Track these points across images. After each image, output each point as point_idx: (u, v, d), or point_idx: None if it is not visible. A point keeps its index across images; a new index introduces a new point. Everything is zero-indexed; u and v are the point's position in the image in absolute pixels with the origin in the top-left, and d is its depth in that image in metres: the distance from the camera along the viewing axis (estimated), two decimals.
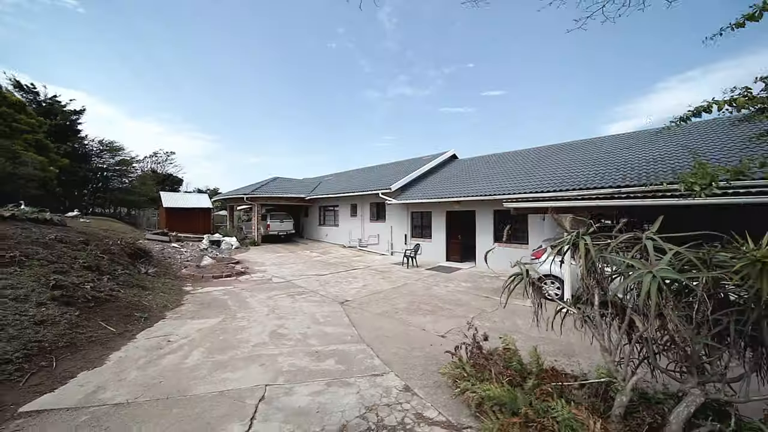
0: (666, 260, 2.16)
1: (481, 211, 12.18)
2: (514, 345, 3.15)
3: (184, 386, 3.36)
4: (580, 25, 4.44)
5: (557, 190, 8.89)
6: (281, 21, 78.23)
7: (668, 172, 7.88)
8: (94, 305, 5.49)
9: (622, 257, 2.48)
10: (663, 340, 2.56)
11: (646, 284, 2.09)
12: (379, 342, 4.94)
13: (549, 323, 3.12)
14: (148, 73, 67.09)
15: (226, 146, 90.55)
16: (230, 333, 5.14)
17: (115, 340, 4.58)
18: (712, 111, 3.25)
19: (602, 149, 11.69)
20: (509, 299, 3.36)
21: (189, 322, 5.69)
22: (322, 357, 4.28)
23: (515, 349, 3.11)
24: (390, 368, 3.96)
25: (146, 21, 58.29)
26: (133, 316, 5.56)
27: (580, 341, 4.90)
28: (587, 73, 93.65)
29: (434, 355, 4.39)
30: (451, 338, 5.21)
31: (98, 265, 7.29)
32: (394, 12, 64.99)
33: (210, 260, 12.35)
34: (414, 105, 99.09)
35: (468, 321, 6.07)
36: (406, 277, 10.24)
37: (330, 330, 5.44)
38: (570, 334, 5.44)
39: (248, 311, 6.45)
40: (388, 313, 6.52)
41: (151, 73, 67.35)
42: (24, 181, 19.83)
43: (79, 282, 6.05)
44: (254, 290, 8.35)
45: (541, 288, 2.93)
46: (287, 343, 4.79)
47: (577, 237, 2.86)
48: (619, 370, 2.59)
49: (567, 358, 4.54)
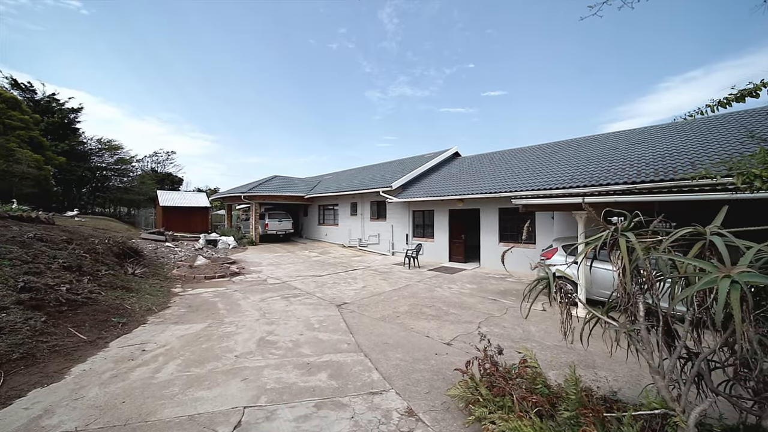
0: (747, 260, 1.66)
1: (486, 209, 11.67)
2: (536, 361, 2.65)
3: (148, 408, 2.86)
4: (596, 11, 4.11)
5: (568, 186, 8.40)
6: (282, 21, 77.91)
7: (687, 165, 7.43)
8: (67, 309, 5.02)
9: (679, 257, 1.98)
10: (730, 360, 2.06)
11: (724, 291, 1.60)
12: (379, 351, 4.45)
13: (570, 332, 2.63)
14: (150, 73, 66.99)
15: (227, 146, 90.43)
16: (214, 340, 4.65)
17: (83, 350, 4.09)
18: (759, 95, 2.79)
19: (608, 146, 11.21)
20: (517, 302, 2.87)
21: (171, 327, 5.21)
22: (314, 370, 3.78)
23: (538, 367, 2.61)
24: (390, 384, 3.46)
25: (149, 23, 58.15)
26: (110, 322, 5.08)
27: (600, 350, 4.42)
28: (588, 73, 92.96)
29: (440, 369, 3.89)
30: (457, 346, 4.73)
31: (80, 265, 6.82)
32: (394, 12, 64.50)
33: (204, 260, 11.88)
34: (414, 105, 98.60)
35: (477, 327, 5.61)
36: (407, 278, 9.74)
37: (324, 337, 4.95)
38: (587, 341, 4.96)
39: (238, 315, 5.96)
40: (388, 317, 6.03)
41: (152, 74, 67.25)
42: (18, 179, 19.45)
43: (54, 284, 5.58)
44: (247, 292, 7.87)
45: (570, 294, 2.44)
46: (276, 352, 4.29)
47: (615, 233, 2.36)
48: (673, 396, 2.09)
49: (589, 371, 4.05)
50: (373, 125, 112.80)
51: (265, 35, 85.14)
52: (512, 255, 10.92)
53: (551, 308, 6.71)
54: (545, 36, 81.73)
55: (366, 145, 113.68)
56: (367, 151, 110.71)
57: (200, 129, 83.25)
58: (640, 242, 2.23)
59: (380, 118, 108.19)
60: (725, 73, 59.98)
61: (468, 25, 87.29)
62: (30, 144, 21.35)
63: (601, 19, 4.16)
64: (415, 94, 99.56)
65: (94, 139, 31.19)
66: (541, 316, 6.26)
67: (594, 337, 2.59)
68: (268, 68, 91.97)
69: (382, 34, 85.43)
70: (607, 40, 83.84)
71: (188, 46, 72.96)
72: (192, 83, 77.47)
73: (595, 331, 2.55)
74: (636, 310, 2.30)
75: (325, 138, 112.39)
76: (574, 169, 9.89)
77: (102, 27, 54.24)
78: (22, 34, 41.43)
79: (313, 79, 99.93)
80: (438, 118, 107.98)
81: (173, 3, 64.60)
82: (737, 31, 53.20)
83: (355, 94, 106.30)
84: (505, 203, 11.00)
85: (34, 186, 20.88)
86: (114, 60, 59.71)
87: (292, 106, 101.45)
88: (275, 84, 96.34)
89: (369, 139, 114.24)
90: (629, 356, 2.64)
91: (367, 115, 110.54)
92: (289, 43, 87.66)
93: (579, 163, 10.36)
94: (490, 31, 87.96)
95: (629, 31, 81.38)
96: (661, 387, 2.03)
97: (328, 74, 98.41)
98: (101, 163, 31.67)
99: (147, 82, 68.80)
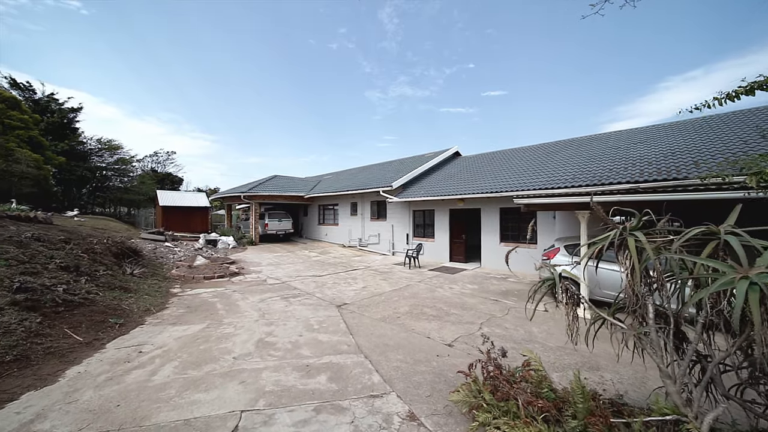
0: (766, 261, 1.59)
1: (487, 209, 11.60)
2: (541, 364, 2.57)
3: (144, 412, 2.80)
4: (597, 9, 4.10)
5: (570, 186, 8.33)
6: (282, 21, 77.88)
7: (690, 164, 7.37)
8: (63, 310, 4.95)
9: (692, 258, 1.91)
10: (742, 365, 1.99)
11: (742, 293, 1.53)
12: (379, 352, 4.38)
13: (575, 334, 2.55)
14: (150, 74, 66.95)
15: (227, 146, 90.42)
16: (212, 342, 4.58)
17: (79, 351, 4.02)
18: None
19: (609, 145, 11.11)
20: (519, 303, 2.80)
21: (169, 328, 5.14)
22: (313, 372, 3.71)
23: (543, 370, 2.53)
24: (391, 387, 3.39)
25: (149, 22, 58.12)
26: (107, 323, 5.02)
27: (604, 351, 4.35)
28: (589, 73, 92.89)
29: (442, 370, 3.82)
30: (459, 347, 4.66)
31: (77, 266, 6.75)
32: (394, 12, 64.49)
33: (203, 260, 11.82)
34: (415, 105, 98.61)
35: (478, 328, 5.53)
36: (408, 278, 9.67)
37: (324, 338, 4.88)
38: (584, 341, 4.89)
39: (237, 316, 5.90)
40: (389, 318, 5.96)
41: (152, 74, 67.20)
42: (17, 179, 19.39)
43: (51, 284, 5.52)
44: (246, 292, 7.80)
45: (577, 297, 2.36)
46: (275, 354, 4.22)
47: (623, 232, 2.29)
48: (683, 400, 2.02)
49: (593, 373, 3.98)
50: (373, 125, 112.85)
51: (265, 35, 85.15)
52: (513, 255, 10.82)
53: (554, 309, 6.64)
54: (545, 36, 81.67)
55: (366, 145, 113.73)
56: (368, 151, 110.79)
57: (200, 129, 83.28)
58: (650, 242, 2.16)
59: (380, 118, 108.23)
60: (726, 73, 59.90)
61: (468, 25, 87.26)
62: (29, 144, 21.28)
63: (602, 20, 4.12)
64: (415, 94, 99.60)
65: (94, 139, 31.12)
66: (544, 317, 6.19)
67: (598, 339, 2.53)
68: (268, 68, 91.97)
69: (382, 34, 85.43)
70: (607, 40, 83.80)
71: (188, 46, 72.97)
72: (192, 83, 77.47)
73: (599, 333, 2.49)
74: (645, 312, 2.23)
75: (325, 138, 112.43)
76: (575, 168, 9.82)
77: (102, 27, 54.26)
78: (22, 34, 41.41)
79: (313, 79, 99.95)
80: (438, 118, 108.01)
81: (173, 3, 64.58)
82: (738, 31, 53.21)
83: (355, 94, 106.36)
84: (507, 203, 10.92)
85: (34, 186, 20.81)
86: (114, 60, 59.73)
87: (292, 106, 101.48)
88: (275, 84, 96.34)
89: (369, 139, 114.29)
90: (634, 358, 2.57)
91: (367, 115, 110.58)
92: (289, 43, 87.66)
93: (580, 162, 10.28)
94: (490, 31, 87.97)
95: (629, 31, 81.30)
96: (673, 392, 1.96)
97: (328, 74, 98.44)
98: (101, 162, 31.61)
99: (147, 82, 68.82)
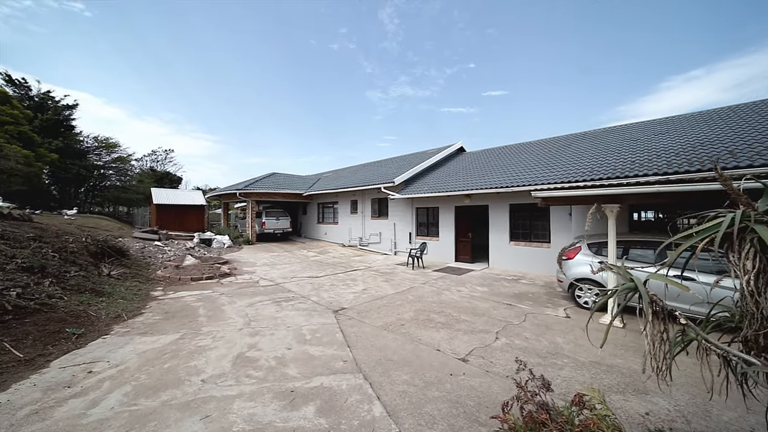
0: None
1: (495, 205, 10.84)
2: (607, 408, 1.83)
3: None
4: None
5: (589, 179, 7.59)
6: (283, 22, 77.26)
7: (725, 154, 6.67)
8: (11, 318, 4.23)
9: None
10: None
11: None
12: (381, 371, 3.65)
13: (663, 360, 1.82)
14: (151, 74, 66.46)
15: (228, 147, 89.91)
16: (181, 358, 3.86)
17: (13, 372, 3.30)
18: None
19: (626, 137, 10.34)
20: (536, 308, 2.06)
21: (136, 339, 4.42)
22: (298, 401, 2.98)
23: (612, 414, 1.79)
24: (397, 424, 2.65)
25: (149, 23, 57.66)
26: (63, 333, 4.30)
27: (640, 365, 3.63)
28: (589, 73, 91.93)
29: (459, 397, 3.09)
30: (475, 363, 3.92)
31: (43, 266, 6.04)
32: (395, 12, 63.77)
33: (193, 260, 11.10)
34: (415, 105, 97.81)
35: (494, 338, 4.77)
36: (411, 279, 8.93)
37: (316, 352, 4.16)
38: (620, 355, 4.11)
39: (218, 324, 5.17)
40: (391, 325, 5.23)
41: (153, 74, 66.71)
42: (6, 176, 18.72)
43: (4, 287, 4.81)
44: (235, 295, 7.08)
45: (668, 310, 1.63)
46: (254, 374, 3.49)
47: (744, 220, 1.55)
48: None
49: (642, 398, 3.24)
50: (373, 125, 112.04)
51: (267, 35, 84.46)
52: (525, 256, 10.09)
53: (575, 315, 5.91)
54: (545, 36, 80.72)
55: (367, 145, 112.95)
56: (368, 151, 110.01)
57: (202, 129, 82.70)
58: None
59: (381, 118, 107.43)
60: (727, 73, 58.92)
61: (468, 25, 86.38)
62: (20, 140, 20.63)
63: (602, 20, 3.38)
64: (416, 94, 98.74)
65: (91, 137, 30.46)
66: (566, 324, 5.45)
67: (631, 349, 1.80)
68: (269, 68, 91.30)
69: (382, 35, 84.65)
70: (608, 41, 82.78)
71: (189, 46, 72.31)
72: (193, 83, 76.86)
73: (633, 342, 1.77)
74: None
75: (326, 138, 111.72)
76: (592, 161, 9.06)
77: (104, 28, 53.67)
78: (26, 35, 40.97)
79: (314, 79, 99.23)
80: (439, 117, 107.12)
81: (174, 3, 63.91)
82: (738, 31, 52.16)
83: (355, 94, 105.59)
84: (517, 199, 10.17)
85: (24, 183, 20.14)
86: (116, 61, 59.14)
87: (293, 106, 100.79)
88: (276, 84, 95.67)
89: (370, 139, 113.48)
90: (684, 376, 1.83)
91: (368, 115, 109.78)
92: (290, 44, 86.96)
93: (596, 154, 9.52)
94: (491, 31, 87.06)
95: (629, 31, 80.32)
96: None
97: (329, 74, 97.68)
98: (98, 161, 30.94)
99: (149, 83, 68.21)
